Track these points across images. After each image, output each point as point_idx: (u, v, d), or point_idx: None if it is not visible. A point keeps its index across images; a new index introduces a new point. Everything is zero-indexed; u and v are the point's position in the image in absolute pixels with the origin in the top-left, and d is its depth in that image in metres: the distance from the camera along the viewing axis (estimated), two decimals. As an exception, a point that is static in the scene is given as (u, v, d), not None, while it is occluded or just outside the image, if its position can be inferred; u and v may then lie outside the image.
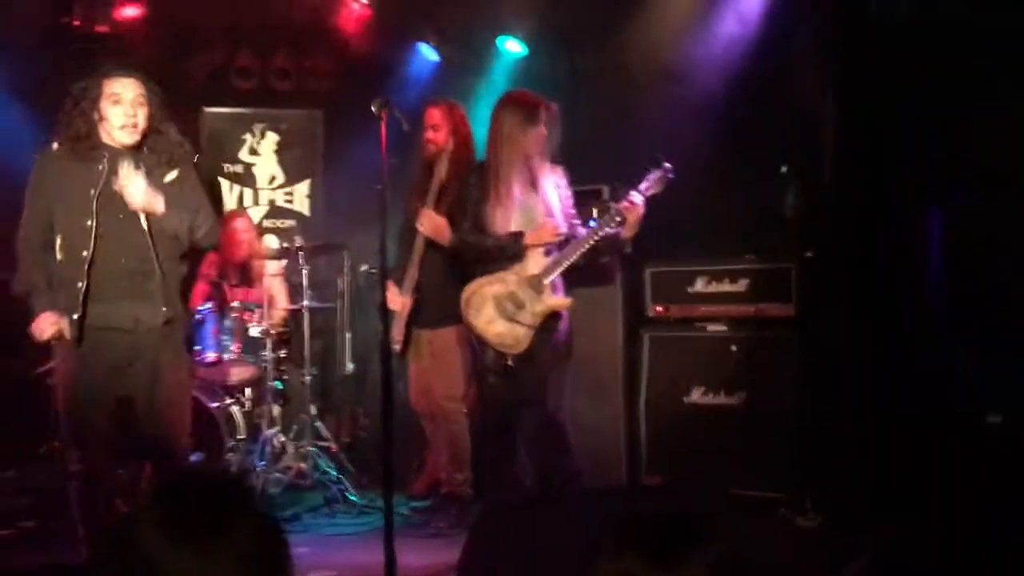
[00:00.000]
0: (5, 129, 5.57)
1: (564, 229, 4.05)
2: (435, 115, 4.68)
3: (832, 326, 4.40)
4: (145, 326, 3.44)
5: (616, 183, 4.86)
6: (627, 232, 4.06)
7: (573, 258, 4.06)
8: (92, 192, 3.42)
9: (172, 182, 3.53)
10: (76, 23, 5.82)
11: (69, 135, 3.45)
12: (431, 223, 4.53)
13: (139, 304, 3.45)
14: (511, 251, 4.10)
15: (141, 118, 3.49)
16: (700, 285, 4.72)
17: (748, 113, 4.93)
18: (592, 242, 4.05)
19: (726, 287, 4.67)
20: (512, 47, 6.04)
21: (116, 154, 3.46)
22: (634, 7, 5.33)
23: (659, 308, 4.81)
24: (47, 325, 3.40)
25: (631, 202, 3.99)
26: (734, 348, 4.56)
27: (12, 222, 3.59)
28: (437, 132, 4.65)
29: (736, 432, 4.49)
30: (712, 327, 4.66)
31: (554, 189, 4.15)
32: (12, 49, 5.71)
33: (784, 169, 4.61)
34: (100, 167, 3.44)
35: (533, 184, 4.11)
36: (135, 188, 3.38)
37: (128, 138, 3.47)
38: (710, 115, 4.95)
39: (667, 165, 4.06)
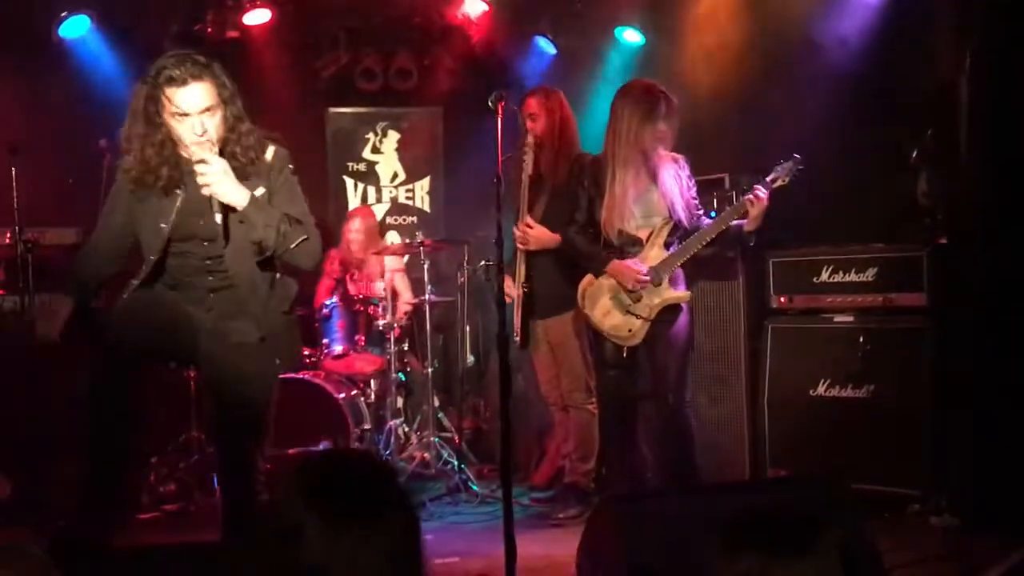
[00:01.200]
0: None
1: (645, 276, 3.99)
2: (532, 104, 4.66)
3: (966, 316, 4.20)
4: (232, 332, 3.14)
5: (738, 173, 4.78)
6: (750, 226, 4.01)
7: (694, 250, 4.03)
8: (163, 226, 3.09)
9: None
10: (208, 30, 6.09)
11: (138, 159, 3.05)
12: (535, 240, 4.54)
13: (227, 320, 3.15)
14: (594, 269, 4.12)
15: (213, 129, 2.98)
16: (826, 274, 4.58)
17: (878, 95, 4.77)
18: (714, 235, 4.01)
19: (853, 276, 4.51)
20: (631, 36, 6.01)
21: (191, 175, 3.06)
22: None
23: (783, 299, 4.69)
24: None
25: (756, 196, 3.93)
26: (862, 339, 4.40)
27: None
28: (536, 122, 4.63)
29: (864, 426, 4.33)
30: (839, 318, 4.51)
31: (674, 181, 4.09)
32: (146, 55, 5.99)
33: (915, 153, 4.45)
34: (176, 198, 3.08)
35: (652, 176, 4.08)
36: (216, 182, 2.97)
37: (204, 152, 2.98)
38: (838, 97, 4.80)
39: (797, 156, 4.01)
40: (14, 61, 5.61)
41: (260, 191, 3.07)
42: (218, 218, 3.07)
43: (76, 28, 5.58)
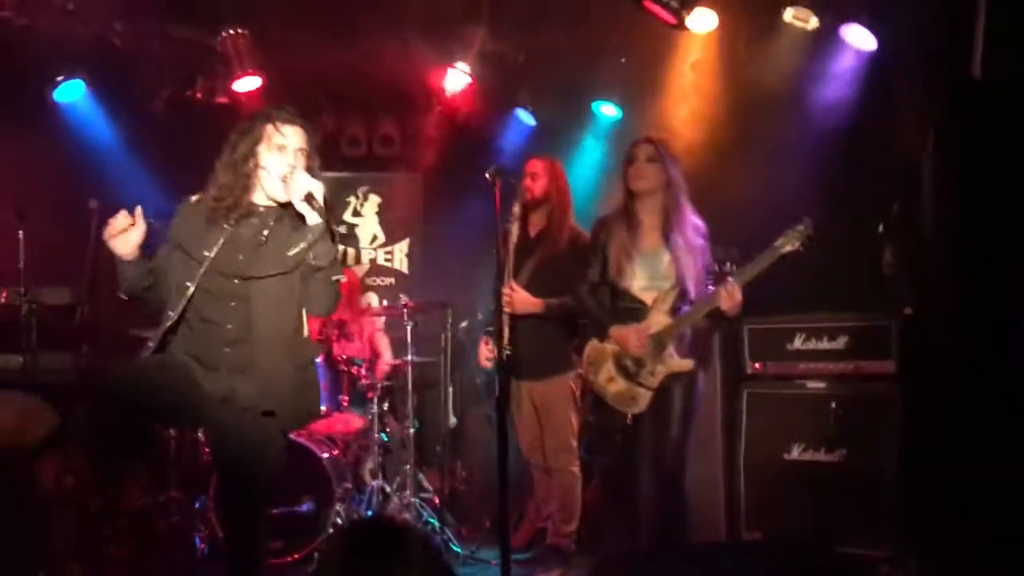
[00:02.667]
0: (133, 187, 5.99)
1: (638, 352, 3.93)
2: (536, 165, 4.83)
3: (934, 383, 4.38)
4: (238, 399, 3.18)
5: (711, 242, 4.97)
6: (728, 311, 3.93)
7: (688, 324, 3.98)
8: (205, 254, 3.19)
9: (296, 254, 3.20)
10: (198, 95, 6.25)
11: (216, 188, 3.22)
12: (519, 303, 4.60)
13: (237, 379, 3.18)
14: (597, 331, 4.08)
15: (303, 172, 3.16)
16: (799, 342, 4.76)
17: (846, 169, 5.00)
18: (703, 313, 3.97)
19: (825, 344, 4.70)
20: (607, 111, 6.23)
21: (256, 216, 3.24)
22: (729, 71, 5.46)
23: (757, 365, 4.86)
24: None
25: (727, 291, 3.85)
26: (834, 405, 4.57)
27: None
28: (535, 181, 4.79)
29: (837, 489, 4.48)
30: (811, 384, 4.69)
31: (689, 248, 3.99)
32: (139, 117, 6.15)
33: (881, 226, 4.66)
34: (224, 231, 3.21)
35: (665, 237, 4.00)
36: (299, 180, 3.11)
37: (283, 193, 3.17)
38: (807, 171, 5.03)
39: (807, 219, 3.91)
40: (9, 123, 5.70)
41: (302, 244, 3.18)
42: (266, 254, 3.18)
43: (71, 92, 5.70)
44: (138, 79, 6.03)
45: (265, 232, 3.23)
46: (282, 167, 3.17)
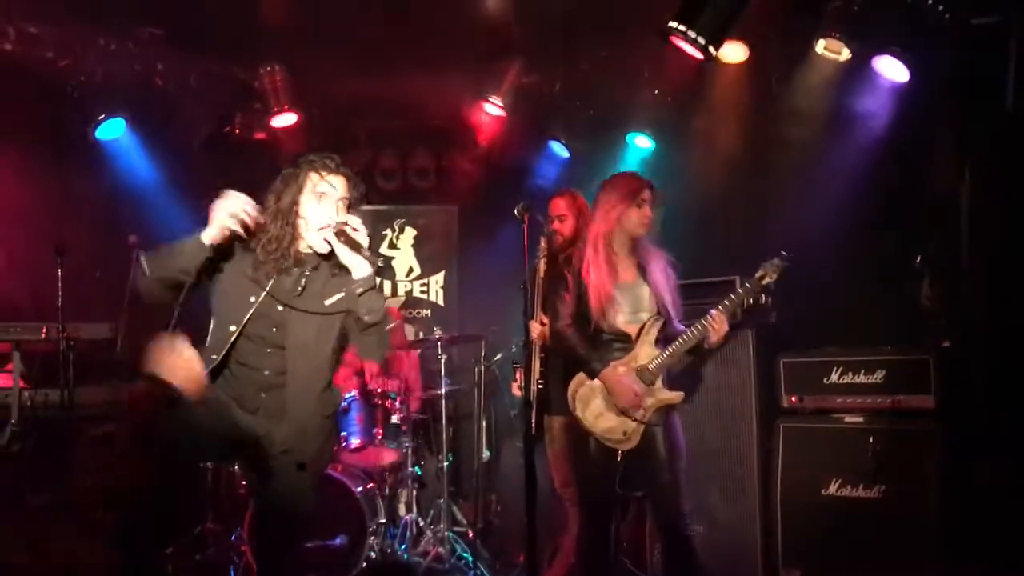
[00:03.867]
0: (172, 222, 6.09)
1: (640, 400, 3.89)
2: (560, 205, 4.85)
3: (974, 418, 4.31)
4: (275, 442, 3.20)
5: (747, 275, 4.94)
6: (711, 345, 3.97)
7: (677, 357, 3.97)
8: (252, 300, 3.21)
9: (334, 303, 3.24)
10: (236, 131, 6.36)
11: (265, 238, 3.22)
12: (538, 333, 4.59)
13: (272, 420, 3.23)
14: (587, 371, 4.01)
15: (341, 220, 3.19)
16: (835, 376, 4.70)
17: (883, 202, 4.96)
18: (692, 345, 3.96)
19: (862, 378, 4.63)
20: (641, 142, 6.23)
21: (298, 263, 3.25)
22: (764, 103, 5.45)
23: (793, 399, 4.80)
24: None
25: (712, 321, 3.90)
26: (872, 440, 4.49)
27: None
28: (563, 223, 4.82)
29: (876, 526, 4.40)
30: (849, 419, 4.62)
31: (664, 276, 4.06)
32: (178, 154, 6.26)
33: (919, 259, 4.61)
34: (271, 278, 3.22)
35: (641, 269, 4.05)
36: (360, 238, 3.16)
37: (321, 244, 3.20)
38: (844, 205, 4.99)
39: (784, 253, 4.01)
40: (52, 161, 5.83)
41: (340, 294, 3.22)
42: (302, 303, 3.20)
43: (112, 130, 5.81)
44: (177, 116, 6.15)
45: (303, 281, 3.25)
46: (322, 217, 3.19)
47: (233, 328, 3.20)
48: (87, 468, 4.45)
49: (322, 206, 3.20)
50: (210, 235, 3.15)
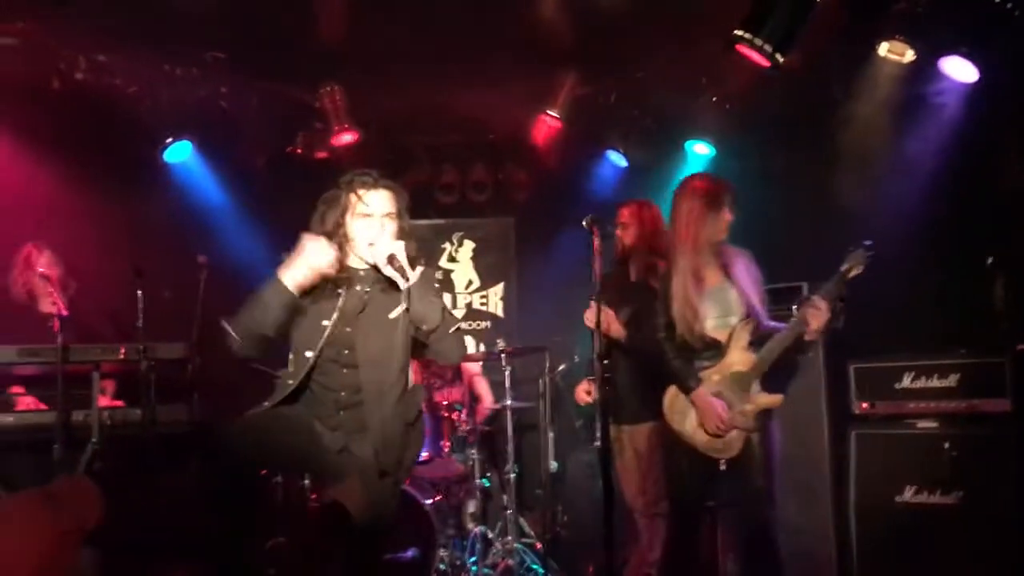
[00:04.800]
0: (239, 241, 6.24)
1: (724, 427, 3.87)
2: (624, 214, 4.85)
3: (1053, 421, 4.22)
4: (355, 455, 3.26)
5: (815, 281, 4.89)
6: (812, 336, 3.91)
7: (778, 355, 3.93)
8: (324, 323, 3.26)
9: (397, 316, 3.26)
10: (299, 151, 6.47)
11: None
12: (605, 322, 4.50)
13: (350, 436, 3.29)
14: (682, 387, 3.99)
15: (390, 234, 3.27)
16: (907, 381, 4.63)
17: (952, 202, 4.89)
18: (790, 342, 3.93)
19: (935, 383, 4.56)
20: (700, 150, 6.21)
21: (357, 282, 3.33)
22: (825, 107, 5.39)
23: (865, 405, 4.74)
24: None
25: (814, 307, 3.85)
26: (947, 445, 4.42)
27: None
28: (625, 231, 4.81)
29: (954, 533, 4.33)
30: (922, 424, 4.55)
31: (748, 275, 4.02)
32: (243, 174, 6.40)
33: (991, 260, 4.52)
34: (337, 299, 3.26)
35: (726, 272, 4.01)
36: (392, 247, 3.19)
37: (373, 256, 3.25)
38: (912, 206, 4.93)
39: (867, 243, 3.93)
40: (122, 185, 5.98)
41: (402, 306, 3.23)
42: (367, 319, 3.24)
43: (179, 153, 5.95)
44: (242, 138, 6.27)
45: (364, 299, 3.31)
46: (369, 234, 3.24)
47: (310, 354, 3.26)
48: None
49: (366, 223, 3.25)
50: (296, 282, 3.19)
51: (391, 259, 3.17)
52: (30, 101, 5.43)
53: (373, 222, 3.25)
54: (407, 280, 3.16)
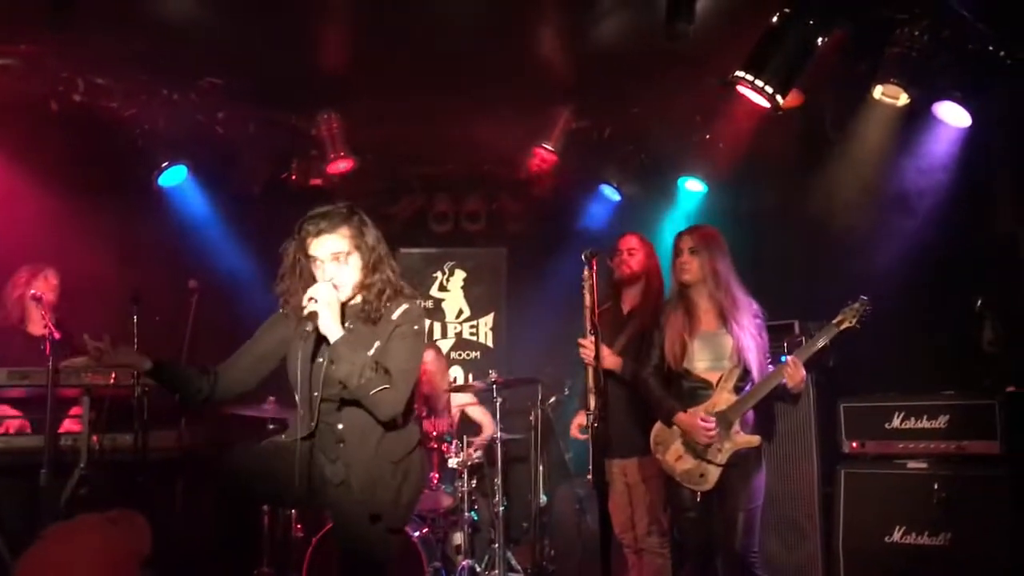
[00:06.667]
0: (231, 266, 6.23)
1: (714, 433, 3.98)
2: (633, 240, 4.88)
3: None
4: (352, 488, 3.25)
5: (806, 319, 4.93)
6: (792, 389, 4.05)
7: (755, 401, 4.04)
8: (320, 361, 3.26)
9: (375, 352, 3.21)
10: (293, 178, 6.48)
11: (279, 290, 3.35)
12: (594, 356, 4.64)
13: (348, 468, 3.26)
14: (663, 417, 4.14)
15: (347, 273, 3.24)
16: (897, 421, 4.65)
17: (943, 244, 4.93)
18: (769, 390, 4.04)
19: (925, 423, 4.58)
20: (693, 186, 6.25)
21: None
22: (818, 148, 5.45)
23: (855, 444, 4.76)
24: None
25: (790, 368, 3.98)
26: (936, 487, 4.43)
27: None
28: (633, 256, 4.82)
29: (942, 574, 4.33)
30: (912, 464, 4.56)
31: (747, 328, 4.10)
32: (237, 200, 6.40)
33: (980, 302, 4.56)
34: (306, 339, 3.22)
35: (724, 320, 4.10)
36: (318, 308, 3.15)
37: (340, 297, 3.24)
38: (903, 247, 4.97)
39: (864, 298, 4.03)
40: (116, 207, 5.98)
41: (376, 343, 3.22)
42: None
43: (174, 177, 5.95)
44: (237, 163, 6.28)
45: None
46: (323, 275, 3.23)
47: (317, 394, 3.24)
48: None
49: (320, 267, 3.24)
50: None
51: (311, 316, 3.14)
52: (28, 122, 5.42)
53: (324, 266, 3.24)
54: (313, 332, 3.14)
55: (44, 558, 3.67)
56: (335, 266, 3.22)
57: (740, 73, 3.88)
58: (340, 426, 3.29)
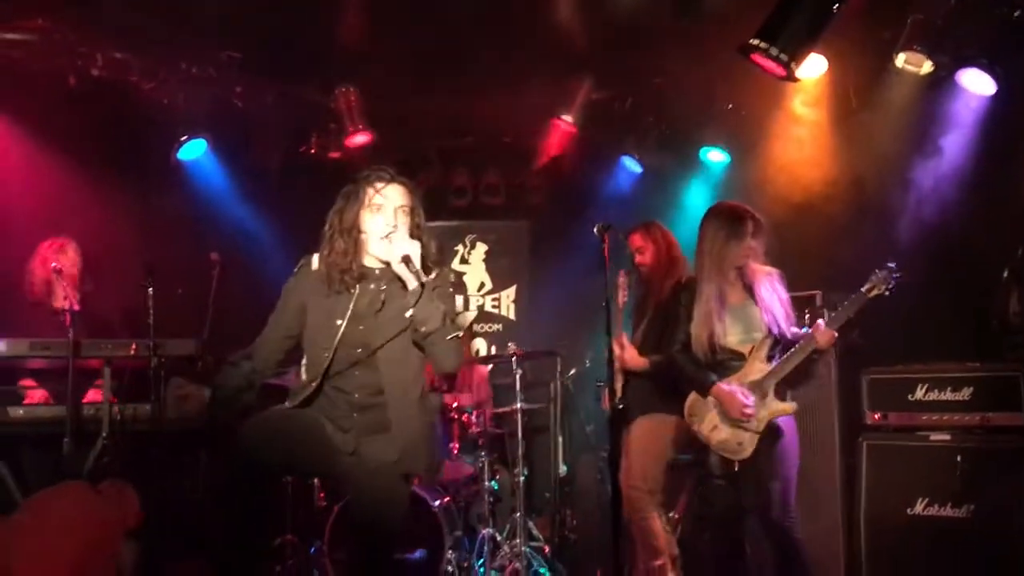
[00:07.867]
0: (251, 239, 6.25)
1: (751, 411, 3.98)
2: (636, 239, 4.90)
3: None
4: (367, 453, 3.26)
5: (830, 290, 4.88)
6: (823, 350, 4.03)
7: (795, 364, 4.03)
8: (338, 323, 3.26)
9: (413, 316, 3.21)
10: (312, 151, 6.48)
11: (328, 254, 3.29)
12: (629, 360, 4.71)
13: (368, 439, 3.27)
14: (700, 391, 4.14)
15: (404, 227, 3.26)
16: (921, 392, 4.61)
17: (968, 214, 4.86)
18: (797, 361, 4.03)
19: (949, 395, 4.53)
20: (715, 156, 6.19)
21: (371, 279, 3.31)
22: (842, 116, 5.37)
23: (877, 416, 4.72)
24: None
25: (816, 330, 3.97)
26: (959, 458, 4.39)
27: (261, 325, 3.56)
28: (643, 254, 4.87)
29: (965, 547, 4.30)
30: (935, 436, 4.52)
31: (772, 294, 4.12)
32: (257, 173, 6.40)
33: (1007, 272, 4.50)
34: (349, 297, 3.26)
35: (749, 291, 4.13)
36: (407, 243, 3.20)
37: (387, 252, 3.23)
38: (928, 218, 4.91)
39: (891, 265, 3.99)
40: (136, 181, 6.01)
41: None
42: (384, 318, 3.25)
43: (193, 151, 5.96)
44: (256, 137, 6.28)
45: (382, 297, 3.29)
46: (383, 228, 3.24)
47: (326, 354, 3.26)
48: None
49: (381, 216, 3.26)
50: None
51: (406, 260, 3.17)
52: (47, 97, 5.43)
53: (387, 214, 3.25)
54: (420, 283, 3.16)
55: (20, 525, 3.70)
56: (399, 215, 3.25)
57: (754, 41, 3.81)
58: (357, 395, 3.28)
